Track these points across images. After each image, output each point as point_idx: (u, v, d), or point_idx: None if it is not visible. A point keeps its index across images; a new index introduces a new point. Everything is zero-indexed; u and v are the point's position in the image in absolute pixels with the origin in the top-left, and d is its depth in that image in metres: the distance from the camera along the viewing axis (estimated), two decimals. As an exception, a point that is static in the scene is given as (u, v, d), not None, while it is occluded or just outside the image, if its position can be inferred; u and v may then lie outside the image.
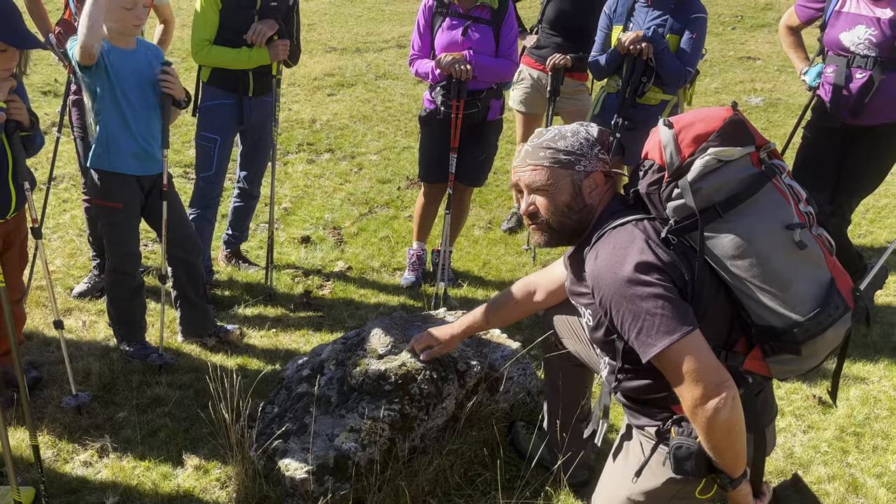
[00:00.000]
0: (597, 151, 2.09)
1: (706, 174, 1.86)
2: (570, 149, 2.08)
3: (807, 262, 1.88)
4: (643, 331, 1.85)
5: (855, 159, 3.88)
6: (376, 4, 12.42)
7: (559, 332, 2.69)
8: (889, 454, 3.08)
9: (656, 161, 1.96)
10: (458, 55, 3.77)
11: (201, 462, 2.89)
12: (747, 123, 1.93)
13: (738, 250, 1.86)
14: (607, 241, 1.97)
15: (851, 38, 3.66)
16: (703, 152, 1.87)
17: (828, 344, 1.92)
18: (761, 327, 1.91)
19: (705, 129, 1.90)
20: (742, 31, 10.69)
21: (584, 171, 2.07)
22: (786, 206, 1.89)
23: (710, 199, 1.87)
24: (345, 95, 8.02)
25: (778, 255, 1.85)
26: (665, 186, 1.93)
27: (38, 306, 3.96)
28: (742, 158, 1.89)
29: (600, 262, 1.94)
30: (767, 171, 1.90)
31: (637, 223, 1.97)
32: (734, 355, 1.95)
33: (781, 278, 1.86)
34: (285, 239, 4.91)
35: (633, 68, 3.79)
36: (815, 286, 1.88)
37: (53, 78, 7.74)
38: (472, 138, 4.00)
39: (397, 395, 2.78)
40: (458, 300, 4.20)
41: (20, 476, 2.74)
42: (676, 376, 1.85)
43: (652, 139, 2.00)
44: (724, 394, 1.80)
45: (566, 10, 4.48)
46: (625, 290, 1.86)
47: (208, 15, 3.73)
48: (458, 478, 2.79)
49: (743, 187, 1.87)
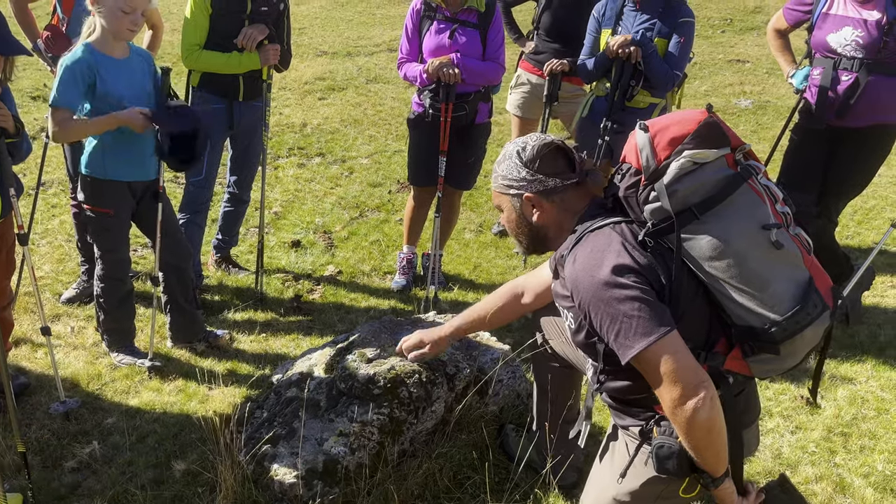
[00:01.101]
0: (525, 174, 2.08)
1: (682, 177, 1.87)
2: (503, 173, 2.13)
3: (784, 261, 1.89)
4: (621, 333, 1.86)
5: (841, 161, 3.91)
6: (367, 8, 12.43)
7: (547, 334, 2.70)
8: (876, 454, 3.10)
9: (633, 164, 1.97)
10: (446, 59, 3.78)
11: (190, 467, 2.88)
12: (722, 125, 1.94)
13: (715, 251, 1.87)
14: (585, 245, 1.97)
15: (838, 39, 3.69)
16: (679, 155, 1.88)
17: (807, 343, 1.93)
18: (740, 327, 1.92)
19: (680, 132, 1.90)
20: (731, 34, 10.74)
21: (517, 196, 2.11)
22: (762, 206, 1.90)
23: (686, 202, 1.88)
24: (336, 99, 8.02)
25: (755, 256, 1.86)
26: (642, 189, 1.94)
27: (27, 312, 3.95)
28: (717, 160, 1.89)
29: (578, 266, 1.95)
30: (743, 172, 1.91)
31: (615, 226, 1.98)
32: (714, 356, 1.96)
33: (759, 278, 1.87)
34: (275, 243, 4.90)
35: (622, 72, 3.81)
36: (793, 285, 1.88)
37: (42, 83, 7.72)
38: (461, 141, 4.01)
39: (386, 399, 2.78)
40: (448, 303, 4.20)
41: (7, 483, 2.73)
42: (655, 377, 1.86)
43: (629, 142, 2.01)
44: (703, 394, 1.81)
45: (561, 17, 4.50)
46: (602, 292, 1.87)
47: (198, 20, 3.73)
48: (448, 481, 2.79)
49: (719, 189, 1.88)
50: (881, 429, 3.26)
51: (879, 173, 4.09)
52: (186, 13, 3.75)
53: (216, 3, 3.69)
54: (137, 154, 3.30)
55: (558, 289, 2.12)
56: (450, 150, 3.99)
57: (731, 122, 7.41)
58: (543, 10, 4.58)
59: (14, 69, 2.94)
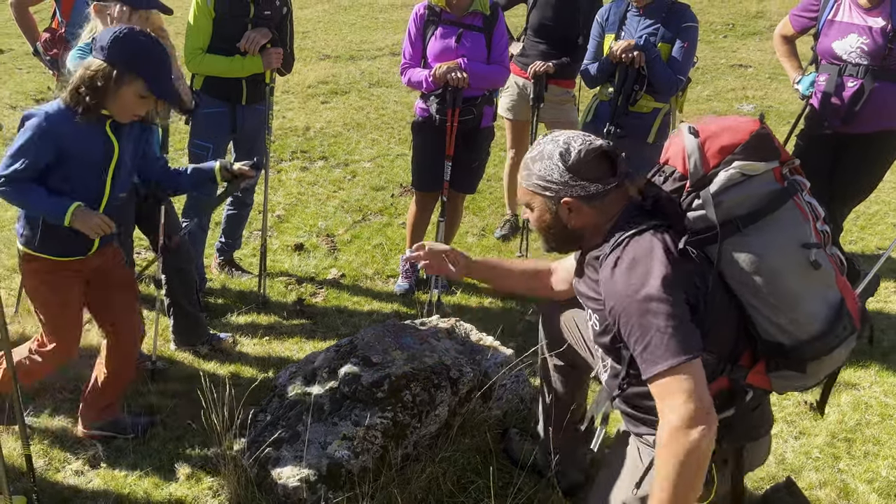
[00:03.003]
0: (567, 179, 1.99)
1: (729, 187, 1.85)
2: (541, 174, 2.03)
3: (819, 281, 1.87)
4: (649, 347, 1.83)
5: (847, 167, 3.91)
6: (370, 12, 12.45)
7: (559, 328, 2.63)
8: (880, 460, 3.10)
9: (678, 169, 1.93)
10: (453, 63, 3.78)
11: (193, 471, 2.88)
12: (773, 138, 1.91)
13: (753, 265, 1.84)
14: (626, 252, 1.92)
15: (843, 46, 3.70)
16: (728, 165, 1.85)
17: (833, 363, 1.93)
18: (767, 342, 1.90)
19: (731, 141, 1.87)
20: (734, 38, 10.75)
21: (556, 198, 2.02)
22: (804, 224, 1.88)
23: (730, 213, 1.85)
24: (338, 103, 8.03)
25: (792, 274, 1.84)
26: (686, 196, 1.91)
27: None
28: (765, 173, 1.87)
29: (618, 273, 1.90)
30: (790, 187, 1.88)
31: (655, 233, 1.92)
32: (738, 368, 1.95)
33: (793, 296, 1.85)
34: (279, 246, 4.91)
35: (626, 76, 3.81)
36: (826, 306, 1.87)
37: (46, 86, 7.74)
38: (466, 146, 4.02)
39: (390, 403, 2.78)
40: (451, 307, 4.20)
41: (12, 485, 2.73)
42: (668, 397, 1.80)
43: (674, 145, 1.97)
44: (709, 427, 1.76)
45: (549, 17, 4.51)
46: (638, 304, 1.83)
47: (201, 24, 3.74)
48: (451, 485, 2.79)
49: (765, 203, 1.85)
50: (885, 434, 3.26)
51: (883, 179, 4.09)
52: (189, 17, 3.76)
53: (219, 7, 3.70)
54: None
55: (583, 289, 2.08)
56: (455, 155, 3.99)
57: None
58: (531, 9, 4.60)
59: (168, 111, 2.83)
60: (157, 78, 2.56)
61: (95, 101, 2.50)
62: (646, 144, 3.91)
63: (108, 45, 2.48)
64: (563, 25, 4.49)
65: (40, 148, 2.52)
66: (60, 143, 2.54)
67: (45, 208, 2.57)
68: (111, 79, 2.47)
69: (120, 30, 2.52)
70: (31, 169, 2.53)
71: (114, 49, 2.48)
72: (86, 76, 2.49)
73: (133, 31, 2.56)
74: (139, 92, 2.54)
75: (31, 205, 2.61)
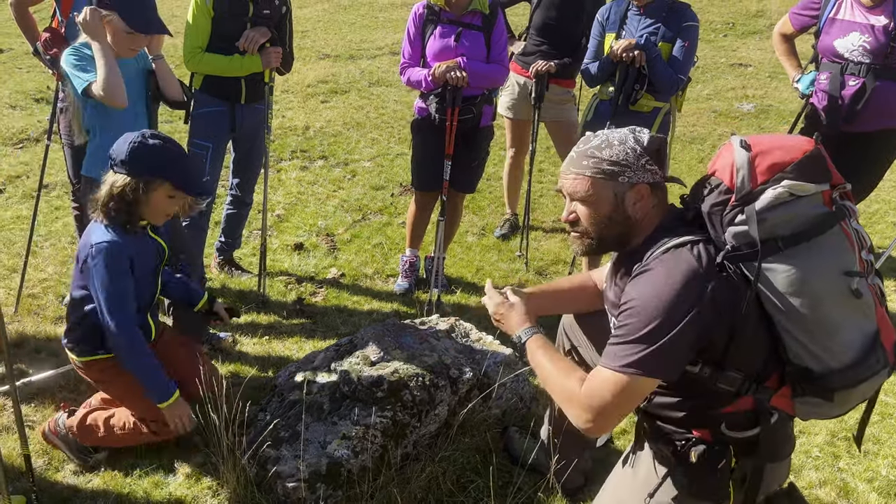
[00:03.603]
0: (644, 162, 1.96)
1: (776, 206, 1.79)
2: (615, 159, 1.97)
3: (858, 311, 1.82)
4: (620, 344, 1.85)
5: (847, 166, 3.87)
6: (370, 12, 12.45)
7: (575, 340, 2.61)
8: (880, 459, 3.09)
9: (725, 181, 1.87)
10: (453, 63, 3.78)
11: (193, 470, 2.88)
12: (826, 159, 1.86)
13: (792, 288, 1.79)
14: (661, 265, 1.87)
15: (845, 44, 3.69)
16: (777, 183, 1.80)
17: (861, 394, 1.89)
18: (797, 367, 1.86)
19: (783, 159, 1.82)
20: (734, 37, 10.74)
21: (628, 183, 1.97)
22: (849, 251, 1.83)
23: (773, 232, 1.80)
24: (338, 102, 8.03)
25: (832, 300, 1.79)
26: (729, 210, 1.85)
27: (30, 314, 3.95)
28: (815, 195, 1.81)
29: (645, 280, 1.87)
30: (838, 212, 1.83)
31: (693, 247, 1.87)
32: (764, 389, 1.91)
33: (830, 324, 1.80)
34: (278, 246, 4.91)
35: (626, 76, 3.81)
36: (861, 336, 1.83)
37: (46, 85, 7.73)
38: (465, 145, 4.01)
39: (389, 402, 2.78)
40: (450, 306, 4.20)
41: (11, 485, 2.73)
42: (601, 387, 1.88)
43: (723, 158, 1.91)
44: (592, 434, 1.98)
45: (553, 17, 4.50)
46: (647, 311, 1.82)
47: (200, 23, 3.73)
48: (451, 484, 2.79)
49: (811, 225, 1.80)
50: (885, 433, 3.25)
51: (883, 177, 4.08)
52: (188, 17, 3.76)
53: (218, 6, 3.70)
54: None
55: (612, 296, 2.06)
56: (454, 154, 3.98)
57: (733, 126, 7.41)
58: (535, 8, 4.59)
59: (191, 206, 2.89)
60: (182, 175, 2.68)
61: (131, 214, 2.64)
62: None
63: (126, 158, 2.59)
64: (566, 26, 4.48)
65: (125, 279, 2.66)
66: (129, 262, 2.69)
67: (153, 382, 2.71)
68: (139, 190, 2.60)
69: (134, 140, 2.61)
70: (132, 306, 2.70)
71: (133, 161, 2.59)
72: (114, 194, 2.61)
73: (145, 138, 2.63)
74: (168, 193, 2.67)
75: (141, 371, 2.72)
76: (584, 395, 1.91)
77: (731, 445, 1.96)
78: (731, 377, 1.88)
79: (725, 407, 1.94)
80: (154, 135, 2.67)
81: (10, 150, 6.30)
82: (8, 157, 6.13)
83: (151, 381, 2.72)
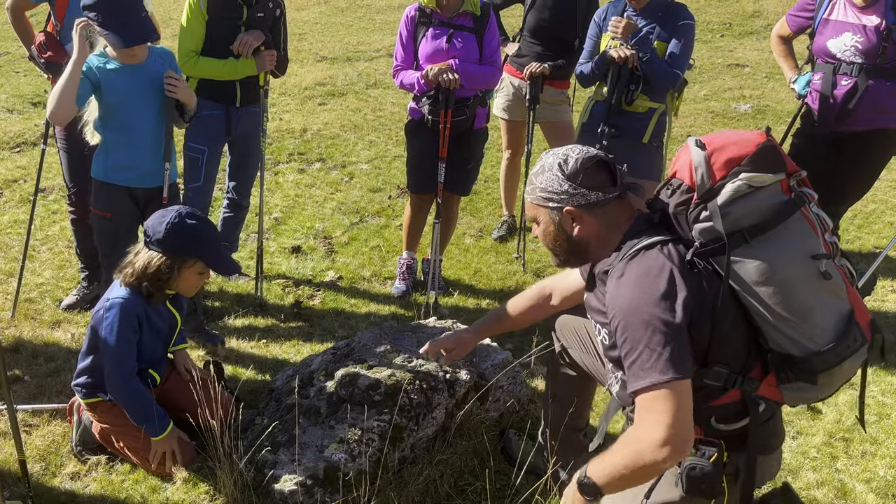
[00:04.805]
0: (567, 188, 2.02)
1: (736, 199, 1.85)
2: (543, 185, 2.06)
3: (829, 292, 1.87)
4: (637, 362, 1.85)
5: (843, 166, 3.91)
6: (367, 14, 12.45)
7: (565, 341, 2.66)
8: (878, 459, 3.09)
9: (685, 181, 1.94)
10: (445, 65, 3.78)
11: (190, 475, 2.87)
12: (779, 150, 1.92)
13: (762, 277, 1.85)
14: (634, 266, 1.93)
15: (838, 45, 3.70)
16: (735, 177, 1.86)
17: (844, 375, 1.93)
18: (778, 354, 1.91)
19: (738, 153, 1.88)
20: (730, 38, 10.75)
21: (558, 208, 2.05)
22: (813, 235, 1.88)
23: (738, 224, 1.86)
24: (336, 105, 8.03)
25: (802, 285, 1.85)
26: (693, 208, 1.91)
27: (27, 319, 3.94)
28: (773, 185, 1.87)
29: (623, 287, 1.91)
30: (797, 199, 1.89)
31: (662, 247, 1.93)
32: (750, 381, 1.95)
33: (804, 308, 1.85)
34: (275, 249, 4.90)
35: (619, 76, 3.82)
36: (836, 317, 1.88)
37: (43, 89, 7.73)
38: (460, 147, 4.01)
39: (387, 406, 2.77)
40: (448, 309, 4.20)
41: (8, 490, 2.72)
42: (648, 413, 1.83)
43: (682, 159, 1.97)
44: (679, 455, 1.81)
45: (546, 19, 4.51)
46: (638, 319, 1.85)
47: (194, 27, 3.73)
48: (449, 488, 2.79)
49: (772, 214, 1.86)
50: (882, 434, 3.25)
51: (880, 177, 4.09)
52: (182, 20, 3.76)
53: (212, 10, 3.70)
54: (136, 160, 3.31)
55: (594, 303, 2.09)
56: (449, 156, 3.98)
57: (730, 126, 7.41)
58: (528, 10, 4.59)
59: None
60: (213, 255, 2.85)
61: (160, 289, 2.80)
62: (641, 145, 3.90)
63: (164, 237, 2.73)
64: (560, 27, 4.48)
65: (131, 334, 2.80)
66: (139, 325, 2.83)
67: (143, 412, 2.81)
68: (174, 269, 2.76)
69: (171, 220, 2.74)
70: (133, 358, 2.83)
71: (170, 242, 2.73)
72: (150, 273, 2.75)
73: (182, 217, 2.76)
74: (199, 270, 2.84)
75: (138, 411, 2.83)
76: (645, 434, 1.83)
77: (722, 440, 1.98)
78: (716, 372, 1.93)
79: (714, 401, 1.97)
80: (190, 214, 2.81)
81: (7, 154, 6.30)
82: (5, 161, 6.13)
83: (147, 416, 2.82)
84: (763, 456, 2.06)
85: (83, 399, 2.95)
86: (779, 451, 2.15)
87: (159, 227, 2.74)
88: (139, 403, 2.84)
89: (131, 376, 2.83)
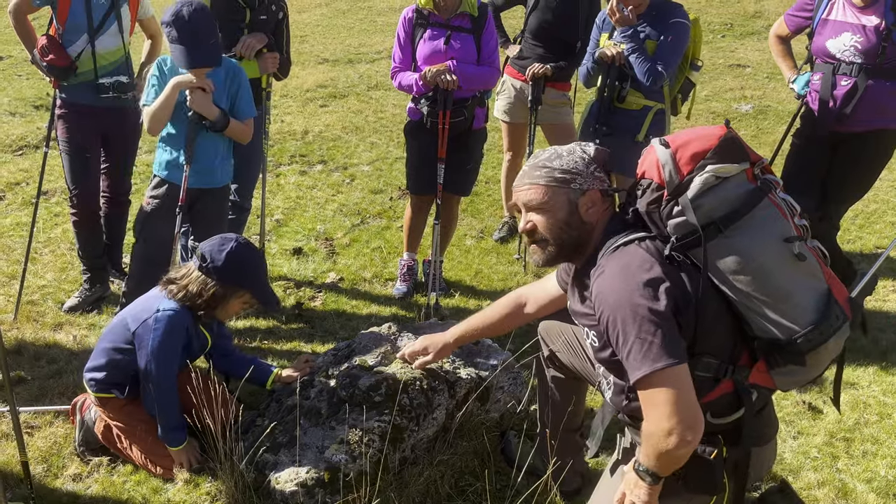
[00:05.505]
0: (593, 170, 2.09)
1: (706, 191, 1.90)
2: (566, 167, 2.09)
3: (806, 273, 1.92)
4: (632, 353, 1.88)
5: (843, 165, 3.91)
6: (368, 16, 12.46)
7: (552, 344, 2.69)
8: (879, 459, 3.09)
9: (654, 180, 1.98)
10: (443, 66, 3.79)
11: (191, 476, 2.88)
12: (741, 140, 1.97)
13: (739, 265, 1.89)
14: (614, 262, 1.97)
15: (837, 45, 3.70)
16: (702, 170, 1.91)
17: (830, 353, 1.96)
18: (764, 339, 1.94)
19: (702, 147, 1.93)
20: (732, 38, 10.75)
21: (580, 189, 2.08)
22: (782, 219, 1.93)
23: (710, 216, 1.91)
24: (337, 106, 8.04)
25: (779, 268, 1.89)
26: (665, 204, 1.96)
27: (30, 321, 3.95)
28: (739, 175, 1.92)
29: (605, 283, 1.95)
30: (763, 186, 1.94)
31: (640, 242, 1.99)
32: (740, 369, 1.98)
33: (783, 291, 1.89)
34: (277, 250, 4.91)
35: (608, 74, 3.84)
36: (815, 297, 1.91)
37: (45, 92, 7.75)
38: (458, 148, 4.02)
39: (387, 407, 2.78)
40: (449, 310, 4.20)
41: (10, 492, 2.73)
42: (652, 403, 1.87)
43: (648, 158, 2.02)
44: (691, 438, 1.84)
45: (549, 20, 4.51)
46: (624, 310, 1.88)
47: (197, 29, 3.74)
48: (449, 488, 2.79)
49: (741, 203, 1.90)
50: (884, 434, 3.25)
51: (880, 177, 4.08)
52: (186, 23, 3.76)
53: (215, 12, 3.70)
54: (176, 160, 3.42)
55: (578, 307, 2.13)
56: (448, 157, 3.99)
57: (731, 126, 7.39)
58: (531, 11, 4.60)
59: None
60: (262, 288, 2.95)
61: (212, 310, 2.87)
62: (634, 143, 3.89)
63: (221, 266, 2.79)
64: (562, 29, 4.49)
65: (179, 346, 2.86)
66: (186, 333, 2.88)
67: (172, 423, 2.86)
68: (225, 297, 2.84)
69: (231, 249, 2.81)
70: (176, 369, 2.87)
71: (226, 271, 2.79)
72: (206, 294, 2.81)
73: (240, 247, 2.84)
74: (245, 300, 2.92)
75: (171, 421, 2.86)
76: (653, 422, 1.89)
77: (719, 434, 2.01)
78: (706, 363, 1.96)
79: (708, 395, 1.98)
80: (247, 244, 2.89)
81: (9, 157, 6.32)
82: (7, 164, 6.15)
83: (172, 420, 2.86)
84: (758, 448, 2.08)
85: (95, 393, 2.95)
86: (773, 441, 2.18)
87: (218, 255, 2.79)
88: (173, 414, 2.87)
89: (172, 387, 2.85)
